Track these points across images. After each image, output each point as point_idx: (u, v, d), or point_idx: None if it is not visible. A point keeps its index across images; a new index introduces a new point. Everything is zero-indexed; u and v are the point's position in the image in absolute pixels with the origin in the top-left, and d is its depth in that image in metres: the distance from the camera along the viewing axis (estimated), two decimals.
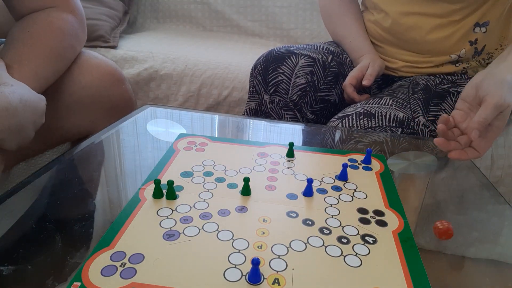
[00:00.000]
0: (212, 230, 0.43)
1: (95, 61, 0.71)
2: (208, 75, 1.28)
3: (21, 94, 0.53)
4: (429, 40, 0.85)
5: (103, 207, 0.49)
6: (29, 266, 0.38)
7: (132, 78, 1.30)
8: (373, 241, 0.43)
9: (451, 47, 0.85)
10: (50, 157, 0.74)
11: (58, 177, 0.55)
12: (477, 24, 0.82)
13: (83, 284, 0.35)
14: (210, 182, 0.52)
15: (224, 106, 1.28)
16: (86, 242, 0.42)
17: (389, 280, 0.38)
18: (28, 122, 0.53)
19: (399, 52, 0.90)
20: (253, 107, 0.90)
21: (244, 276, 0.37)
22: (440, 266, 0.44)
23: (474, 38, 0.84)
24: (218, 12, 1.63)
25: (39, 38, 0.61)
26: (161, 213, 0.46)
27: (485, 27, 0.82)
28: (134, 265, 0.38)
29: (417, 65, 0.90)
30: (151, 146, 0.65)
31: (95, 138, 0.64)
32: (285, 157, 0.60)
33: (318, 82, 0.85)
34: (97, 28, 1.38)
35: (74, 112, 0.69)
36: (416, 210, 0.54)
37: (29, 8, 0.65)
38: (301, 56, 0.85)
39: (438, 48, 0.86)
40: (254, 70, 0.88)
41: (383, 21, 0.90)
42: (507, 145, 0.91)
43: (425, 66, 0.89)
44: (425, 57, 0.88)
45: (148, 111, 0.76)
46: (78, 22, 0.68)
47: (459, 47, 0.85)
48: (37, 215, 0.47)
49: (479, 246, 0.50)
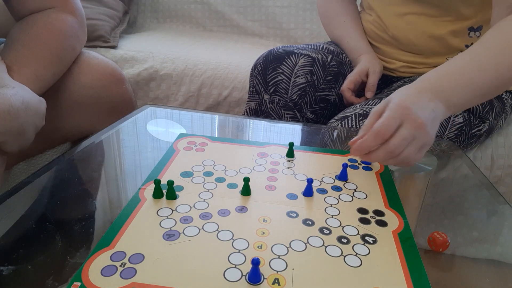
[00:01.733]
0: (212, 230, 0.43)
1: (95, 61, 0.71)
2: (208, 75, 1.28)
3: (23, 97, 0.53)
4: (424, 41, 0.85)
5: (103, 207, 0.49)
6: (29, 266, 0.38)
7: (132, 78, 1.30)
8: (373, 241, 0.43)
9: (448, 50, 0.85)
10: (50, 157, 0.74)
11: (58, 177, 0.55)
12: (472, 29, 0.82)
13: (83, 284, 0.35)
14: (210, 182, 0.52)
15: (224, 106, 1.28)
16: (86, 242, 0.42)
17: (389, 280, 0.38)
18: (29, 125, 0.53)
19: (397, 53, 0.90)
20: (253, 107, 0.90)
21: (244, 276, 0.37)
22: (440, 266, 0.44)
23: (470, 42, 0.83)
24: (218, 12, 1.63)
25: (39, 39, 0.61)
26: (161, 213, 0.46)
27: (479, 31, 0.82)
28: (134, 265, 0.38)
29: (415, 65, 0.90)
30: (151, 146, 0.65)
31: (95, 138, 0.64)
32: (285, 157, 0.60)
33: (318, 81, 0.85)
34: (97, 28, 1.38)
35: (74, 112, 0.69)
36: (416, 210, 0.54)
37: (29, 9, 0.65)
38: (301, 56, 0.85)
39: (434, 49, 0.86)
40: (254, 70, 0.88)
41: (379, 22, 0.90)
42: (507, 145, 0.91)
43: (423, 66, 0.89)
44: (422, 57, 0.88)
45: (148, 111, 0.76)
46: (78, 22, 0.68)
47: (455, 50, 0.85)
48: (37, 215, 0.47)
49: (479, 246, 0.50)
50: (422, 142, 0.52)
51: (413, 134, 0.51)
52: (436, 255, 0.44)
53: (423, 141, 0.52)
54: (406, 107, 0.52)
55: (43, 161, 0.74)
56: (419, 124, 0.51)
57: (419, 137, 0.51)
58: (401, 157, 0.51)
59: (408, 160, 0.52)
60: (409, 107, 0.51)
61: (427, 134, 0.52)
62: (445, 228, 0.50)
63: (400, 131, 0.51)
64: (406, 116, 0.51)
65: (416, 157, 0.53)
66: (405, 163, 0.53)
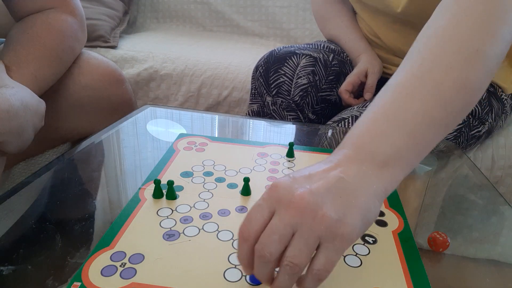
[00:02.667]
0: (212, 230, 0.43)
1: (95, 62, 0.71)
2: (208, 75, 1.28)
3: (22, 97, 0.52)
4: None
5: (103, 207, 0.49)
6: (29, 266, 0.38)
7: (132, 78, 1.30)
8: (373, 241, 0.43)
9: None
10: (50, 157, 0.74)
11: (58, 177, 0.55)
12: None
13: (83, 284, 0.35)
14: (210, 182, 0.52)
15: (224, 106, 1.28)
16: (86, 242, 0.42)
17: (389, 280, 0.38)
18: (29, 125, 0.53)
19: (391, 58, 0.90)
20: (255, 109, 0.89)
21: (244, 276, 0.37)
22: (440, 266, 0.44)
23: None
24: (218, 12, 1.64)
25: (39, 40, 0.61)
26: (161, 213, 0.46)
27: None
28: (134, 265, 0.38)
29: None
30: (151, 146, 0.65)
31: (95, 138, 0.64)
32: (285, 157, 0.60)
33: (320, 81, 0.85)
34: (97, 28, 1.38)
35: (74, 112, 0.69)
36: (416, 210, 0.53)
37: (29, 9, 0.65)
38: (303, 56, 0.85)
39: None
40: (255, 72, 0.88)
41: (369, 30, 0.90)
42: (507, 146, 0.91)
43: None
44: None
45: (148, 111, 0.76)
46: (78, 23, 0.68)
47: None
48: (37, 215, 0.47)
49: (479, 246, 0.50)
50: (316, 234, 0.31)
51: (290, 223, 0.31)
52: (436, 255, 0.44)
53: (316, 231, 0.31)
54: (275, 186, 0.33)
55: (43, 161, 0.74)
56: (294, 204, 0.31)
57: (305, 227, 0.31)
58: (286, 263, 0.31)
59: (300, 267, 0.31)
60: (279, 185, 0.33)
61: (318, 218, 0.31)
62: (445, 228, 0.50)
63: (271, 222, 0.32)
64: (277, 199, 0.32)
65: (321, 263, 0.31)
66: (294, 274, 0.31)
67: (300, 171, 0.35)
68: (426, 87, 0.38)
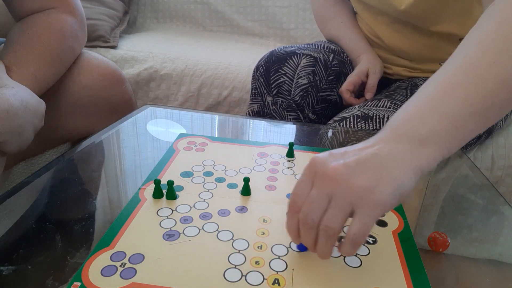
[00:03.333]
0: (212, 230, 0.43)
1: (95, 62, 0.71)
2: (208, 75, 1.28)
3: (22, 97, 0.53)
4: (415, 49, 0.84)
5: (103, 207, 0.49)
6: (29, 266, 0.38)
7: (132, 78, 1.30)
8: (373, 241, 0.43)
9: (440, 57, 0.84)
10: (50, 157, 0.74)
11: (58, 177, 0.55)
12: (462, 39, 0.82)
13: (83, 284, 0.35)
14: (210, 182, 0.52)
15: (224, 106, 1.28)
16: (86, 242, 0.42)
17: (389, 280, 0.38)
18: (28, 125, 0.53)
19: (391, 58, 0.90)
20: (255, 109, 0.89)
21: (244, 276, 0.37)
22: (440, 266, 0.44)
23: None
24: (218, 12, 1.64)
25: (39, 40, 0.61)
26: (161, 213, 0.46)
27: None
28: (134, 265, 0.38)
29: (411, 70, 0.89)
30: (151, 146, 0.65)
31: (95, 138, 0.64)
32: (285, 157, 0.60)
33: (320, 81, 0.85)
34: (97, 28, 1.38)
35: (74, 112, 0.69)
36: (416, 210, 0.53)
37: (29, 9, 0.65)
38: (303, 56, 0.85)
39: (425, 56, 0.85)
40: (255, 72, 0.88)
41: (370, 30, 0.90)
42: (507, 146, 0.91)
43: (419, 71, 0.89)
44: (416, 63, 0.88)
45: (148, 111, 0.76)
46: (78, 23, 0.68)
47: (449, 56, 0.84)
48: (37, 215, 0.47)
49: (479, 246, 0.49)
50: (348, 200, 0.34)
51: (326, 192, 0.35)
52: (436, 255, 0.44)
53: (348, 198, 0.34)
54: (313, 161, 0.37)
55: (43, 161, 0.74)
56: (328, 175, 0.35)
57: (338, 194, 0.35)
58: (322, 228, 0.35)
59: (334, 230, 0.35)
60: (316, 159, 0.37)
61: (349, 187, 0.34)
62: (445, 228, 0.50)
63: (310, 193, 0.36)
64: (315, 172, 0.37)
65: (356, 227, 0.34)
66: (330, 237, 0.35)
67: (338, 149, 0.38)
68: (469, 78, 0.39)
